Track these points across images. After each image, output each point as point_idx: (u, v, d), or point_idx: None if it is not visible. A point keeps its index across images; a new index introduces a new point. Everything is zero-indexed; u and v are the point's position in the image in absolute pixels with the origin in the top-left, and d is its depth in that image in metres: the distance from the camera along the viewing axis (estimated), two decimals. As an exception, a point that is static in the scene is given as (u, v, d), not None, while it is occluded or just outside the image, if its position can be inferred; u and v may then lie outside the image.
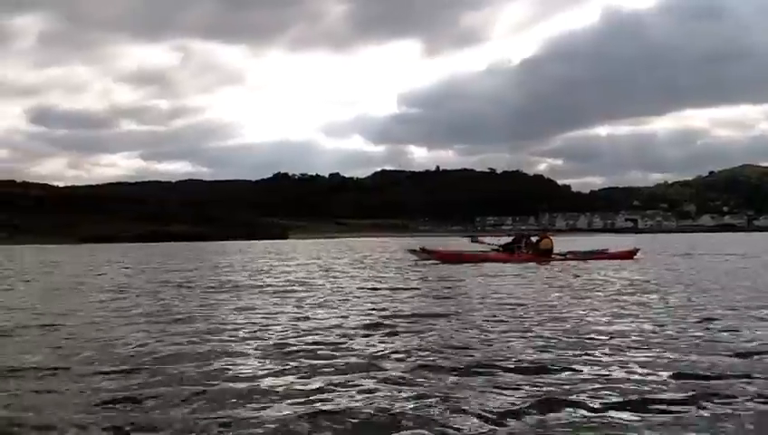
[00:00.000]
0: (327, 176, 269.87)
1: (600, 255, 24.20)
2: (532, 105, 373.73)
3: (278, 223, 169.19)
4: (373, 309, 9.48)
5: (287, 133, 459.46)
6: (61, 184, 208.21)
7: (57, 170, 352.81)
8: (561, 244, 33.45)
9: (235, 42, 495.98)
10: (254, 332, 7.50)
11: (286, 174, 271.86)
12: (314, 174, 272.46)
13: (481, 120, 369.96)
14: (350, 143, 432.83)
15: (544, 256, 22.42)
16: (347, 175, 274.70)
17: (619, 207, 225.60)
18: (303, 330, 7.55)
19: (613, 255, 24.19)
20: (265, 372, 5.45)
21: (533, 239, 23.65)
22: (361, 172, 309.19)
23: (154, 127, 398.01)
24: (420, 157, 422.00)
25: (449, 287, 12.83)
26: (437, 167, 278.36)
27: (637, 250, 24.98)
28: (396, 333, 7.28)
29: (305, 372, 5.38)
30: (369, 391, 4.74)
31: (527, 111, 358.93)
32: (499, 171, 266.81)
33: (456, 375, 5.22)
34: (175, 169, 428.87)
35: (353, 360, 5.84)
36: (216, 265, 24.14)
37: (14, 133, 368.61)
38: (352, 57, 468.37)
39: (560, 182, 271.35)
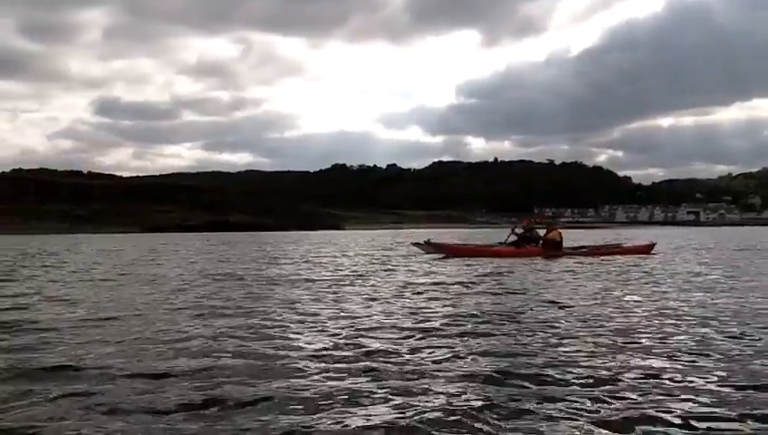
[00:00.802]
0: (384, 167, 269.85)
1: (614, 249, 23.45)
2: (592, 95, 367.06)
3: (335, 214, 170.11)
4: (430, 307, 9.38)
5: (345, 124, 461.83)
6: (125, 174, 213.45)
7: (122, 161, 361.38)
8: (596, 236, 32.81)
9: (295, 33, 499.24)
10: (311, 331, 7.47)
11: (344, 165, 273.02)
12: (372, 165, 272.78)
13: (539, 110, 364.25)
14: (407, 134, 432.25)
15: (553, 249, 21.82)
16: (404, 166, 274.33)
17: (681, 199, 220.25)
18: (358, 330, 7.49)
19: (628, 249, 23.42)
20: (325, 379, 5.40)
21: (540, 232, 22.94)
22: (418, 163, 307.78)
23: (215, 118, 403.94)
24: (478, 148, 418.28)
25: (500, 283, 12.73)
26: (495, 158, 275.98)
27: (653, 245, 24.08)
28: (455, 336, 7.12)
29: (362, 381, 5.27)
30: (434, 409, 4.63)
31: (587, 101, 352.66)
32: (558, 162, 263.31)
33: (527, 388, 5.04)
34: (235, 159, 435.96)
35: (412, 368, 5.72)
36: (274, 257, 24.41)
37: (80, 124, 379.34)
38: (410, 48, 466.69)
39: (620, 174, 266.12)
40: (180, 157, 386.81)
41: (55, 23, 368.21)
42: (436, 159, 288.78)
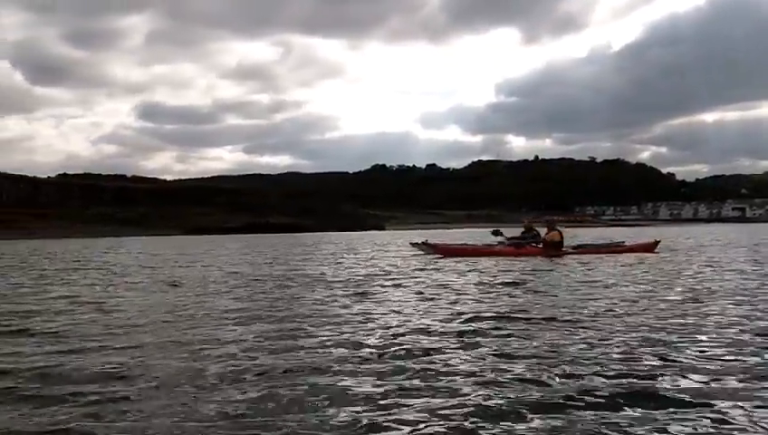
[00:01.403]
0: (424, 167, 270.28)
1: (616, 248, 22.80)
2: (635, 91, 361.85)
3: (375, 214, 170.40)
4: (470, 308, 8.87)
5: (384, 125, 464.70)
6: (168, 177, 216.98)
7: (165, 164, 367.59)
8: (638, 234, 31.92)
9: (334, 35, 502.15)
10: (351, 334, 7.11)
11: (384, 165, 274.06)
12: (411, 165, 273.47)
13: (581, 107, 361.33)
14: (446, 134, 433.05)
15: (553, 249, 21.35)
16: (443, 166, 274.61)
17: (727, 195, 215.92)
18: (398, 333, 7.09)
19: (631, 248, 22.69)
20: (366, 385, 5.05)
21: (540, 231, 22.48)
22: (458, 163, 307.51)
23: (256, 121, 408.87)
24: (518, 146, 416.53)
25: (536, 284, 12.23)
26: (536, 156, 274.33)
27: (657, 243, 23.46)
28: (498, 338, 6.69)
29: (411, 394, 4.86)
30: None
31: (629, 97, 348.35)
32: (599, 160, 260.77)
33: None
34: (276, 161, 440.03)
35: (454, 375, 5.32)
36: (313, 258, 24.15)
37: (124, 129, 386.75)
38: (449, 47, 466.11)
39: (663, 170, 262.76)
40: (222, 160, 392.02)
41: (98, 29, 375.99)
42: (476, 159, 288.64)
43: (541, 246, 21.72)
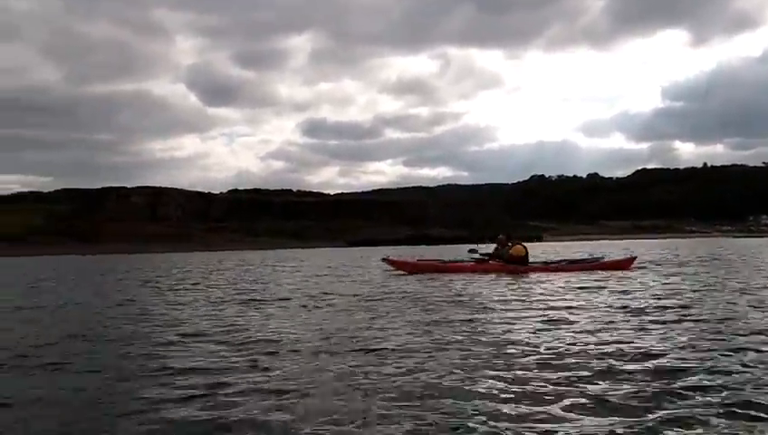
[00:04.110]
0: (585, 176, 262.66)
1: (589, 264, 21.89)
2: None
3: (534, 225, 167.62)
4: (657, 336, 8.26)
5: (544, 134, 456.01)
6: (332, 191, 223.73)
7: (329, 178, 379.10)
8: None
9: (493, 46, 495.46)
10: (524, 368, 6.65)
11: (543, 175, 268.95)
12: (572, 175, 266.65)
13: (755, 110, 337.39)
14: (609, 142, 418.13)
15: (517, 264, 20.85)
16: (606, 175, 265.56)
17: None
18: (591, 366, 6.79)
19: (605, 264, 21.62)
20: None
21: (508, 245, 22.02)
22: (622, 171, 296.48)
23: (416, 134, 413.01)
24: (686, 153, 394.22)
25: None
26: (705, 163, 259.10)
27: (634, 258, 22.39)
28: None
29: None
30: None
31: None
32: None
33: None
34: (435, 173, 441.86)
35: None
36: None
37: (291, 146, 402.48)
38: (612, 53, 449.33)
39: None
40: (383, 173, 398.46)
41: (265, 51, 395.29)
42: (641, 167, 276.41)
43: (502, 261, 21.45)
